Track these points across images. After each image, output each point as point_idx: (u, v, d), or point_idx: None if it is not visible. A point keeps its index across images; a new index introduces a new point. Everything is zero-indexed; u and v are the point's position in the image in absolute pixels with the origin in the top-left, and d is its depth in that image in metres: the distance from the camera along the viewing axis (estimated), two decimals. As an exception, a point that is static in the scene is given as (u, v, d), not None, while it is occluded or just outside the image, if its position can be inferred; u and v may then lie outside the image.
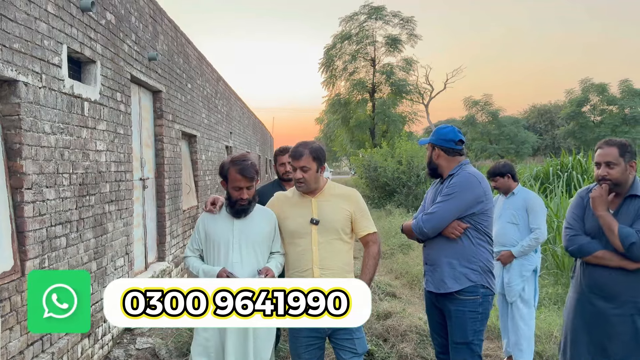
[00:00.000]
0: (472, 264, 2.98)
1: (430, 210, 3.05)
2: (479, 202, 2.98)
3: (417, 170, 17.33)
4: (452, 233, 2.99)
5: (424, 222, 3.05)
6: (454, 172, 3.09)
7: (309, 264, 2.96)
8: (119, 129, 5.20)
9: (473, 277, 2.97)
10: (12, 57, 3.22)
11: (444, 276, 3.02)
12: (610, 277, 2.74)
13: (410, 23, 28.91)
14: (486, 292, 3.00)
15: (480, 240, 3.01)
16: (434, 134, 3.22)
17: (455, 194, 2.98)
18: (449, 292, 3.00)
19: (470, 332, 2.97)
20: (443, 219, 2.99)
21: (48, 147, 3.68)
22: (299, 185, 2.99)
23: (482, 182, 3.03)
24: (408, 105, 31.27)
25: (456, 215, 2.98)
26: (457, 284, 2.98)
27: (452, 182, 3.04)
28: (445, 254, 3.04)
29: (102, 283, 4.70)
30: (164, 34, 7.13)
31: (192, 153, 9.18)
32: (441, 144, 3.15)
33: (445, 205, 2.99)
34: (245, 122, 17.62)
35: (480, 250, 3.01)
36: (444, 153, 3.14)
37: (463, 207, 2.97)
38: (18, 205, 3.33)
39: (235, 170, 2.91)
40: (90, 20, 4.47)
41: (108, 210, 4.87)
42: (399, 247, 9.58)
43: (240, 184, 2.90)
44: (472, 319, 2.97)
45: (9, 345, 3.15)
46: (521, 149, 43.19)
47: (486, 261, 3.02)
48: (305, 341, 3.01)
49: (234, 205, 2.95)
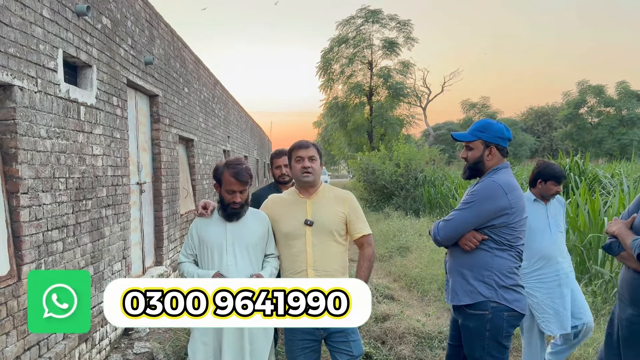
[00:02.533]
0: (485, 278, 2.73)
1: (447, 217, 2.87)
2: (502, 214, 2.70)
3: (415, 173, 17.34)
4: (465, 245, 2.77)
5: (439, 230, 2.87)
6: (485, 177, 2.83)
7: (304, 265, 2.96)
8: (116, 134, 5.19)
9: (485, 292, 2.72)
10: (7, 61, 3.22)
11: (457, 287, 2.85)
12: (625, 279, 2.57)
13: (407, 26, 28.98)
14: (498, 308, 2.71)
15: (500, 251, 2.74)
16: (484, 129, 2.85)
17: (474, 203, 2.74)
18: (460, 305, 2.83)
19: (477, 349, 2.76)
20: (457, 228, 2.79)
21: (44, 152, 3.68)
22: (306, 174, 2.98)
23: (511, 192, 2.71)
24: (405, 108, 31.30)
25: (473, 226, 2.75)
26: (468, 298, 2.78)
27: (474, 190, 2.81)
28: (460, 263, 2.85)
29: (100, 287, 4.69)
30: (161, 38, 7.14)
31: (189, 157, 9.18)
32: (497, 142, 2.83)
33: (461, 214, 2.78)
34: (243, 126, 17.63)
35: (498, 262, 2.73)
36: (499, 153, 2.85)
37: (481, 218, 2.73)
38: (14, 209, 3.33)
39: (230, 174, 2.91)
40: (86, 24, 4.47)
41: (105, 215, 4.86)
42: (397, 249, 9.56)
43: (234, 187, 2.90)
44: (477, 335, 2.75)
45: (6, 350, 3.14)
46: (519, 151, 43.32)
47: (504, 276, 2.72)
48: (300, 344, 3.00)
49: (226, 208, 2.95)
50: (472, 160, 2.88)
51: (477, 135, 2.87)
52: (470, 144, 2.89)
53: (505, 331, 2.74)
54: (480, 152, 2.85)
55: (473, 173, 2.92)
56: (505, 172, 2.84)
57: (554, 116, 48.63)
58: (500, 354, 2.75)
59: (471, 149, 2.89)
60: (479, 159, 2.86)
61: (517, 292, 2.78)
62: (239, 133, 16.19)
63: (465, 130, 3.20)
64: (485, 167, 2.86)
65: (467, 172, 2.94)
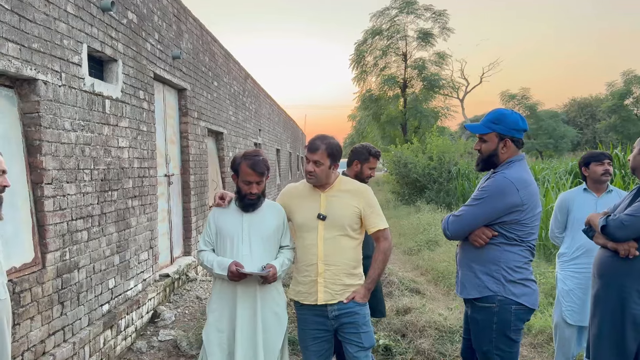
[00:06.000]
0: (493, 272, 2.70)
1: (457, 212, 2.82)
2: (513, 211, 2.64)
3: (448, 166, 17.08)
4: (475, 241, 2.74)
5: (449, 224, 2.82)
6: (498, 171, 2.75)
7: (314, 258, 2.97)
8: (142, 126, 5.31)
9: (493, 287, 2.70)
10: (31, 56, 3.33)
11: (465, 280, 2.83)
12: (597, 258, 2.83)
13: (443, 16, 28.45)
14: (506, 301, 2.67)
15: (509, 247, 2.69)
16: (498, 120, 2.76)
17: (484, 200, 2.68)
18: (468, 298, 2.83)
19: (485, 342, 2.73)
20: (467, 224, 2.75)
21: (68, 144, 3.80)
22: (309, 177, 3.01)
23: (523, 189, 2.64)
24: (441, 100, 30.81)
25: (482, 223, 2.70)
26: (476, 292, 2.75)
27: (485, 185, 2.74)
28: (469, 257, 2.82)
29: (125, 276, 4.83)
30: (189, 32, 7.24)
31: (219, 150, 9.31)
32: (512, 134, 2.74)
33: (471, 210, 2.73)
34: (275, 120, 17.74)
35: (506, 257, 2.69)
36: (513, 145, 2.76)
37: (491, 215, 2.67)
38: (38, 199, 3.46)
39: (247, 165, 2.94)
40: (111, 19, 4.58)
41: (131, 206, 4.99)
42: (426, 243, 9.47)
43: (251, 178, 2.93)
44: (486, 328, 2.72)
45: (30, 334, 3.28)
46: (560, 144, 42.04)
47: (512, 270, 2.68)
48: (311, 333, 3.03)
49: (242, 199, 2.99)
50: (486, 153, 2.81)
51: (491, 127, 2.78)
52: (484, 136, 2.81)
53: (514, 325, 2.69)
54: (494, 144, 2.77)
55: (487, 165, 2.85)
56: (518, 166, 2.75)
57: (597, 107, 46.92)
58: (509, 348, 2.71)
59: (485, 141, 2.81)
60: (493, 151, 2.78)
61: (527, 286, 2.72)
62: (270, 126, 16.31)
63: None
64: (499, 159, 2.78)
65: (480, 164, 2.88)
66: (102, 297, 4.32)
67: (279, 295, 3.08)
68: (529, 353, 4.73)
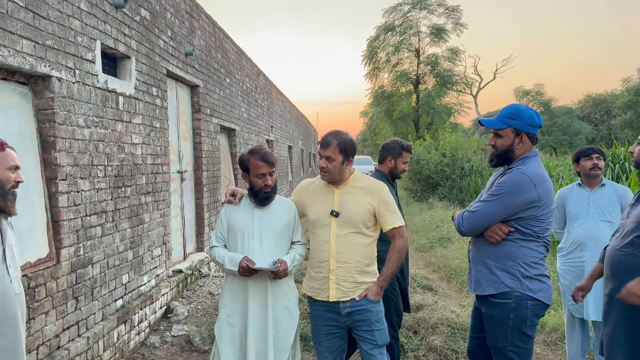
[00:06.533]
0: (510, 269, 2.69)
1: (472, 208, 2.79)
2: (531, 207, 2.64)
3: (461, 162, 16.98)
4: (491, 237, 2.72)
5: (464, 220, 2.80)
6: (514, 167, 2.74)
7: (327, 255, 2.97)
8: (155, 123, 5.34)
9: (509, 283, 2.69)
10: (45, 53, 3.36)
11: (480, 277, 2.81)
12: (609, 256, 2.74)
13: (456, 12, 28.27)
14: (522, 297, 2.67)
15: (526, 242, 2.69)
16: (514, 115, 2.75)
17: (502, 196, 2.66)
18: (483, 294, 2.80)
19: (500, 338, 2.72)
20: (483, 221, 2.72)
21: (82, 140, 3.83)
22: (323, 174, 3.01)
23: (540, 185, 2.64)
24: (454, 96, 30.62)
25: (499, 219, 2.69)
26: (492, 288, 2.73)
27: (502, 181, 2.71)
28: (483, 253, 2.80)
29: (139, 272, 4.86)
30: (201, 29, 7.26)
31: (231, 146, 9.33)
32: (528, 129, 2.73)
33: (488, 207, 2.71)
34: (287, 116, 17.74)
35: (523, 253, 2.69)
36: (529, 141, 2.75)
37: (508, 211, 2.66)
38: (53, 195, 3.49)
39: (256, 159, 2.98)
40: (124, 16, 4.60)
41: (144, 202, 5.02)
42: (439, 240, 9.43)
43: (264, 170, 2.96)
44: (502, 325, 2.72)
45: (45, 329, 3.31)
46: (575, 140, 41.53)
47: (528, 266, 2.68)
48: (324, 329, 3.04)
49: (257, 194, 3.00)
50: (501, 148, 2.79)
51: (508, 122, 2.76)
52: (500, 132, 2.79)
53: (530, 320, 2.69)
54: (510, 140, 2.76)
55: (501, 161, 2.83)
56: (534, 162, 2.74)
57: (612, 104, 46.24)
58: (524, 344, 2.70)
59: (500, 137, 2.79)
60: (509, 147, 2.77)
61: (542, 282, 2.72)
62: (282, 123, 16.31)
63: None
64: (514, 155, 2.77)
65: (495, 160, 2.84)
66: (115, 293, 4.35)
67: (290, 290, 3.09)
68: (542, 351, 4.69)
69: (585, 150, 3.99)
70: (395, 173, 3.83)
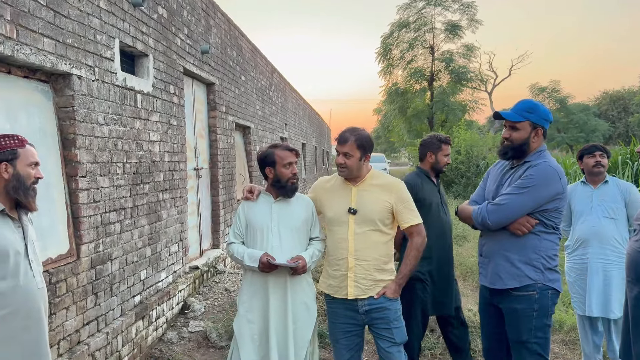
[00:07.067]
0: (533, 261, 2.73)
1: (499, 201, 2.76)
2: (556, 199, 2.70)
3: (476, 160, 16.86)
4: (518, 229, 2.74)
5: (489, 214, 2.77)
6: (532, 160, 2.78)
7: (345, 253, 2.96)
8: (172, 120, 5.37)
9: (533, 276, 2.73)
10: (65, 51, 3.39)
11: (500, 271, 2.81)
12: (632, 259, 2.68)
13: (471, 8, 27.99)
14: (544, 288, 2.74)
15: (547, 234, 2.75)
16: (531, 109, 2.80)
17: (532, 188, 2.68)
18: (504, 288, 2.81)
19: (524, 331, 2.75)
20: (512, 213, 2.72)
21: (102, 137, 3.86)
22: (340, 170, 3.01)
23: (563, 177, 2.74)
24: (469, 93, 30.35)
25: (528, 211, 2.71)
26: (515, 282, 2.76)
27: (530, 174, 2.72)
28: (504, 247, 2.80)
29: (157, 268, 4.90)
30: (217, 27, 7.28)
31: (246, 144, 9.37)
32: (543, 124, 2.80)
33: (517, 199, 2.70)
34: (301, 114, 17.76)
35: (545, 245, 2.75)
36: (542, 135, 2.83)
37: (537, 203, 2.69)
38: (73, 192, 3.53)
39: (282, 149, 3.06)
40: (142, 14, 4.63)
41: (162, 199, 5.06)
42: (454, 238, 9.34)
43: (291, 159, 3.04)
44: (526, 317, 2.75)
45: (66, 324, 3.36)
46: (591, 138, 40.96)
47: (548, 258, 2.75)
48: (342, 327, 3.03)
49: (285, 185, 3.04)
50: (518, 141, 2.82)
51: (525, 116, 2.81)
52: (517, 125, 2.82)
53: (550, 310, 2.79)
54: (527, 133, 2.80)
55: (516, 154, 2.86)
56: (549, 156, 2.83)
57: (630, 100, 45.56)
58: (545, 334, 2.79)
59: (517, 130, 2.82)
60: (525, 140, 2.81)
61: (557, 272, 2.84)
62: (296, 120, 16.33)
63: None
64: (530, 148, 2.82)
65: (510, 152, 2.87)
66: (134, 288, 4.40)
67: (308, 286, 3.10)
68: (560, 350, 4.65)
69: (588, 147, 4.03)
70: (438, 168, 3.84)
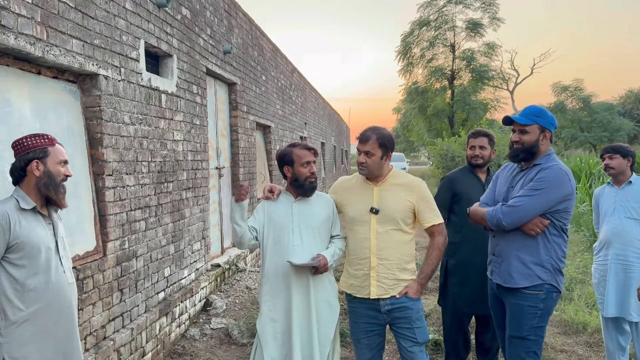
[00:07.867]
0: (544, 262, 2.85)
1: (513, 203, 2.85)
2: (566, 200, 2.82)
3: (497, 159, 16.64)
4: (532, 230, 2.83)
5: (504, 215, 2.85)
6: (542, 163, 2.89)
7: (367, 252, 2.97)
8: (195, 120, 5.44)
9: (543, 276, 2.85)
10: (93, 52, 3.46)
11: (512, 270, 2.90)
12: None
13: (493, 6, 27.70)
14: (551, 289, 2.87)
15: (556, 237, 2.87)
16: (540, 114, 2.93)
17: (545, 190, 2.78)
18: (515, 287, 2.90)
19: (526, 327, 2.86)
20: (527, 215, 2.81)
21: (127, 137, 3.93)
22: (361, 169, 3.02)
23: (571, 179, 2.86)
24: (490, 92, 30.03)
25: (540, 212, 2.81)
26: (527, 281, 2.86)
27: (542, 176, 2.82)
28: (516, 247, 2.90)
29: (180, 265, 4.96)
30: (239, 27, 7.34)
31: (266, 143, 9.42)
32: (550, 128, 2.93)
33: (531, 201, 2.80)
34: (320, 113, 17.77)
35: (554, 247, 2.87)
36: (549, 138, 2.94)
37: (550, 205, 2.80)
38: (100, 190, 3.60)
39: (300, 148, 3.08)
40: (167, 15, 4.70)
41: (185, 197, 5.13)
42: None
43: (309, 158, 3.05)
44: (530, 314, 2.86)
45: (92, 319, 3.43)
46: (615, 137, 40.15)
47: (558, 260, 2.88)
48: (364, 327, 3.04)
49: (303, 184, 3.05)
50: (528, 144, 2.92)
51: (534, 120, 2.92)
52: (526, 128, 2.92)
53: (551, 311, 2.95)
54: (536, 136, 2.91)
55: (527, 156, 2.95)
56: (557, 158, 2.94)
57: (657, 99, 44.59)
58: (542, 334, 2.91)
59: (526, 133, 2.93)
60: (534, 143, 2.91)
61: (563, 273, 2.96)
62: (316, 120, 16.35)
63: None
64: (539, 151, 2.93)
65: (521, 155, 2.97)
66: (158, 285, 4.46)
67: (330, 284, 3.11)
68: (584, 352, 4.59)
69: (607, 148, 4.01)
70: (469, 162, 3.92)
